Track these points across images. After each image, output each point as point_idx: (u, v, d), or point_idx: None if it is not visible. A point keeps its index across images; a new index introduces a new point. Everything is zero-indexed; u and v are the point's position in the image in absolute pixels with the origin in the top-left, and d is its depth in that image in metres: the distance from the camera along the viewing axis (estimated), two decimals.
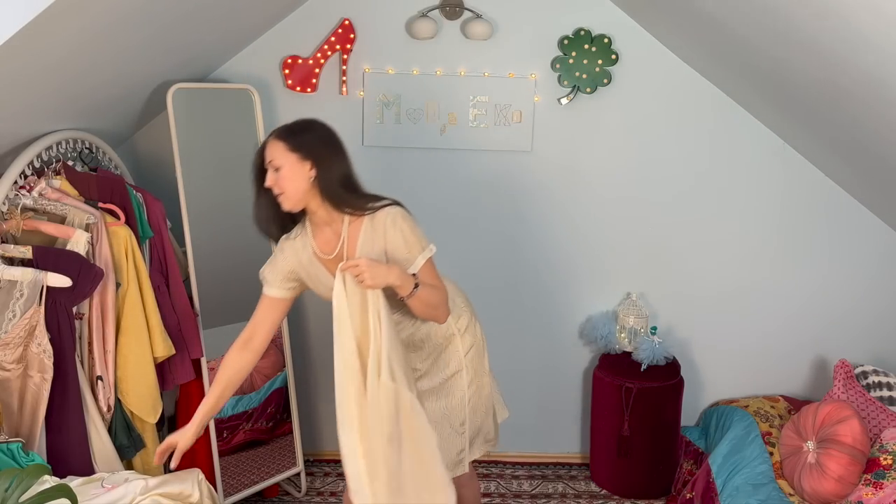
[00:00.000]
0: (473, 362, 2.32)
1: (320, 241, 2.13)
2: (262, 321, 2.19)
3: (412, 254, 2.08)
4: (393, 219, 2.06)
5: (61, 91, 2.24)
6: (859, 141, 2.68)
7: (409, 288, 2.02)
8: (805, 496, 2.59)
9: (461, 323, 2.31)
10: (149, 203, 2.61)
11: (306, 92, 3.05)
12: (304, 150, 2.01)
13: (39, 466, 1.78)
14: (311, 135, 2.06)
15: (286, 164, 2.01)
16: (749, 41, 2.53)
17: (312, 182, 2.02)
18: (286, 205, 2.04)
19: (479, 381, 2.33)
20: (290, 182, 2.01)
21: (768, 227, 3.28)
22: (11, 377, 2.08)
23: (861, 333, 3.35)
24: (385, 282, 1.98)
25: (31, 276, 2.07)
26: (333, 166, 2.04)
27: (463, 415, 2.30)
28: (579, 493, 3.25)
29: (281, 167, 2.01)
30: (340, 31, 3.02)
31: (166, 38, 2.46)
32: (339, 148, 2.08)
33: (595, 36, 3.06)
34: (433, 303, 2.10)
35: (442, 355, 2.29)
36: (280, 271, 2.16)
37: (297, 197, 2.03)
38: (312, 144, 2.03)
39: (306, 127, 2.08)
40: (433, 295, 2.09)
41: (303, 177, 2.01)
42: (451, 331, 2.28)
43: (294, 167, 2.01)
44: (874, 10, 1.79)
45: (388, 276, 1.99)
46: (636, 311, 3.27)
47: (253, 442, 3.00)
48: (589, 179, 3.23)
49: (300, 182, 2.02)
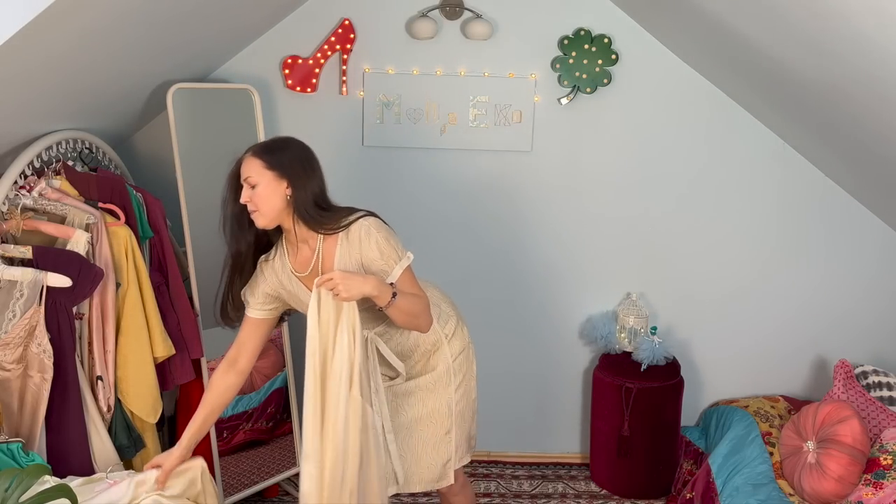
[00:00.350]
0: (462, 367, 2.31)
1: (296, 259, 2.12)
2: (245, 341, 2.20)
3: (388, 264, 2.07)
4: (367, 230, 2.05)
5: (61, 91, 2.23)
6: (860, 141, 2.68)
7: (387, 298, 2.01)
8: (805, 496, 2.59)
9: (448, 328, 2.29)
10: (149, 203, 2.61)
11: (306, 92, 3.05)
12: (281, 169, 2.01)
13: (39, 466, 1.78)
14: (287, 154, 2.05)
15: (262, 182, 2.00)
16: (749, 41, 2.53)
17: (287, 200, 2.02)
18: (260, 222, 2.04)
19: (466, 385, 2.32)
20: (264, 200, 2.01)
21: (768, 226, 3.29)
22: (11, 377, 2.08)
23: (861, 333, 3.35)
24: (361, 292, 1.97)
25: (31, 276, 2.07)
26: (308, 185, 2.03)
27: (449, 422, 2.28)
28: (579, 493, 3.25)
29: (257, 184, 2.00)
30: (340, 31, 3.02)
31: (166, 38, 2.46)
32: (314, 167, 2.08)
33: (595, 36, 3.06)
34: (414, 311, 2.09)
35: (430, 360, 2.28)
36: (260, 293, 2.16)
37: (272, 215, 2.03)
38: (289, 163, 2.03)
39: (283, 146, 2.09)
40: (413, 304, 2.08)
41: (279, 195, 2.01)
42: (438, 337, 2.27)
43: (270, 185, 2.00)
44: (875, 10, 1.79)
45: (363, 287, 1.97)
46: (636, 311, 3.27)
47: (253, 442, 3.00)
48: (589, 179, 3.23)
49: (275, 200, 2.01)
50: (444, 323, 2.29)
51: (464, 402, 2.31)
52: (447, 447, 2.29)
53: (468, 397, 2.34)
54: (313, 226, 2.05)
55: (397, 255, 2.08)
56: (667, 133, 3.20)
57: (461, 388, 2.30)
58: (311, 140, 3.13)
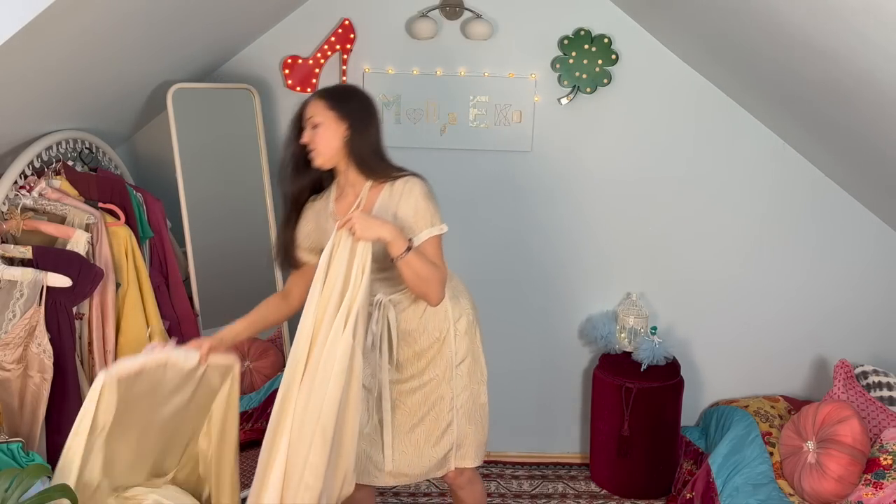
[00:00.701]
0: (469, 368, 2.31)
1: (340, 202, 2.20)
2: (294, 283, 2.30)
3: (419, 225, 2.13)
4: (412, 187, 2.14)
5: (61, 91, 2.23)
6: (860, 141, 2.68)
7: (401, 248, 2.04)
8: (805, 496, 2.59)
9: (460, 324, 2.29)
10: (149, 203, 2.61)
11: (306, 92, 3.05)
12: (343, 111, 2.11)
13: (39, 466, 1.78)
14: (352, 99, 2.16)
15: (324, 121, 2.10)
16: (749, 41, 2.53)
17: (345, 142, 2.11)
18: (317, 160, 2.13)
19: (473, 389, 2.33)
20: (324, 140, 2.10)
21: (768, 226, 3.29)
22: (11, 377, 2.08)
23: (861, 333, 3.35)
24: (376, 234, 2.01)
25: (31, 276, 2.07)
26: (366, 131, 2.13)
27: (450, 416, 2.29)
28: (579, 493, 3.25)
29: (319, 124, 2.10)
30: (340, 31, 3.02)
31: (166, 38, 2.46)
32: (375, 117, 2.17)
33: (595, 36, 3.06)
34: (424, 275, 2.09)
35: (435, 354, 2.27)
36: (302, 233, 2.25)
37: (329, 154, 2.12)
38: (352, 107, 2.13)
39: (349, 91, 2.22)
40: (426, 267, 2.09)
41: (338, 136, 2.11)
42: (447, 326, 2.27)
43: (330, 125, 2.10)
44: (874, 10, 1.79)
45: (380, 230, 2.02)
46: (636, 311, 3.27)
47: (253, 442, 2.99)
48: (589, 179, 3.23)
49: (334, 140, 2.11)
50: (457, 316, 2.29)
51: (469, 404, 2.31)
52: (448, 439, 2.30)
53: (475, 400, 2.33)
54: (364, 171, 2.15)
55: (430, 220, 2.14)
56: (667, 133, 3.20)
57: (466, 390, 2.30)
58: None
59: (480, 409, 2.35)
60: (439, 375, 2.27)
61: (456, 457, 2.33)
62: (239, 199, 2.96)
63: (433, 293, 2.15)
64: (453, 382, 2.28)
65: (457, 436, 2.31)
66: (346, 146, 2.12)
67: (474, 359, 2.34)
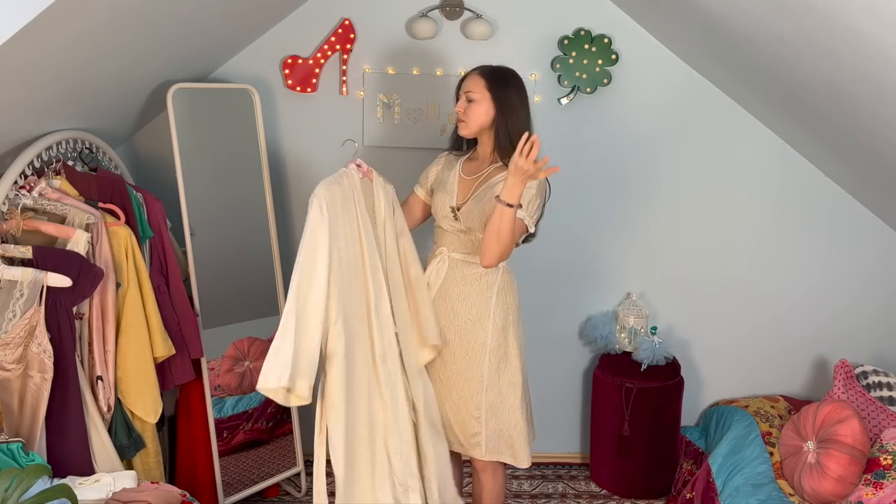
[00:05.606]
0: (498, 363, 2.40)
1: (468, 167, 2.44)
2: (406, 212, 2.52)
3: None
4: None
5: (61, 91, 2.23)
6: (860, 141, 2.68)
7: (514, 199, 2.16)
8: (805, 496, 2.59)
9: (498, 316, 2.38)
10: (149, 203, 2.61)
11: (306, 92, 3.05)
12: (499, 95, 2.31)
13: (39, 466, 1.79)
14: (509, 85, 2.34)
15: (479, 100, 2.32)
16: (749, 41, 2.53)
17: (492, 123, 2.33)
18: (463, 130, 2.37)
19: (502, 388, 2.40)
20: (474, 116, 2.33)
21: (768, 227, 3.29)
22: (11, 377, 2.08)
23: (861, 333, 3.35)
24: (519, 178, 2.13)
25: (31, 276, 2.07)
26: (512, 118, 2.31)
27: (479, 398, 2.39)
28: (579, 493, 3.25)
29: (474, 100, 2.33)
30: (340, 31, 3.02)
31: (166, 38, 2.46)
32: (526, 108, 2.36)
33: (595, 36, 3.06)
34: (502, 232, 2.20)
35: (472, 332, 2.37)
36: (428, 173, 2.54)
37: (474, 129, 2.36)
38: (508, 94, 2.33)
39: (509, 77, 2.37)
40: (508, 230, 2.20)
41: (488, 116, 2.33)
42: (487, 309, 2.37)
43: (483, 104, 2.32)
44: (874, 10, 1.79)
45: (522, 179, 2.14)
46: (636, 311, 3.27)
47: (253, 442, 3.00)
48: (589, 179, 3.23)
49: (483, 119, 2.33)
50: (498, 306, 2.39)
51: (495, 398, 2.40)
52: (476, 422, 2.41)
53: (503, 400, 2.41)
54: (499, 152, 2.35)
55: (525, 209, 2.28)
56: (666, 133, 3.20)
57: (494, 385, 2.39)
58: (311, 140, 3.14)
59: (509, 411, 2.42)
60: (471, 356, 2.37)
61: (485, 446, 2.42)
62: (239, 199, 2.96)
63: (492, 252, 2.25)
64: (483, 367, 2.37)
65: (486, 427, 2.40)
66: (492, 126, 2.33)
67: (506, 358, 2.41)
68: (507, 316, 2.40)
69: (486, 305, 2.37)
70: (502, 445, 2.43)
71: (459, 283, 2.39)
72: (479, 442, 2.42)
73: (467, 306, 2.38)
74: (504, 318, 2.39)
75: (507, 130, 2.31)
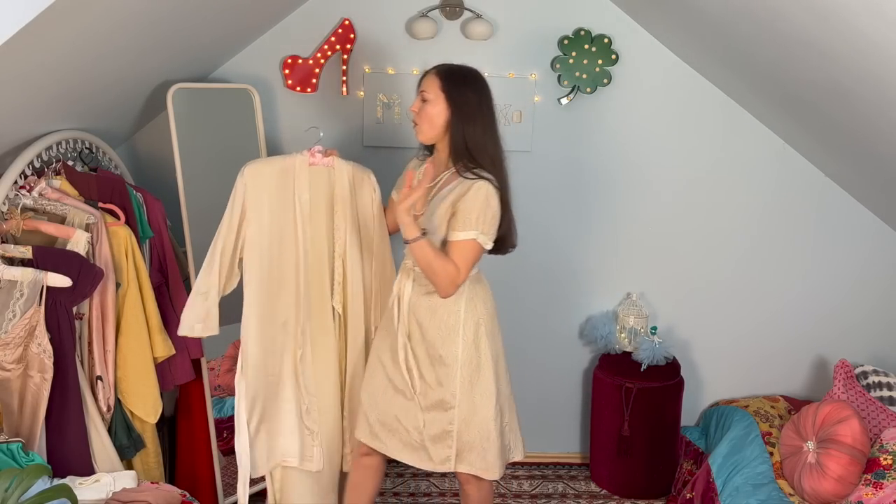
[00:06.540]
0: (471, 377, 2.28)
1: (429, 171, 2.25)
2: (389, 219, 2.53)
3: (461, 223, 2.16)
4: (478, 189, 2.16)
5: (61, 91, 2.23)
6: (860, 140, 2.68)
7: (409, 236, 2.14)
8: (805, 496, 2.59)
9: (469, 330, 2.27)
10: (149, 203, 2.61)
11: (306, 92, 3.05)
12: (454, 96, 2.17)
13: (39, 466, 1.78)
14: (467, 86, 2.20)
15: (433, 100, 2.19)
16: (749, 41, 2.53)
17: (447, 125, 2.19)
18: (418, 134, 2.25)
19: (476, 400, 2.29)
20: (428, 116, 2.20)
21: (768, 226, 3.29)
22: (11, 377, 2.08)
23: (861, 333, 3.35)
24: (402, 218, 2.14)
25: (31, 276, 2.07)
26: (470, 125, 2.18)
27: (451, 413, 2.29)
28: (579, 493, 3.25)
29: (428, 101, 2.19)
30: (340, 31, 3.02)
31: (166, 38, 2.46)
32: (484, 113, 2.20)
33: (595, 36, 3.06)
34: (428, 266, 2.16)
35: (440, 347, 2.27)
36: (403, 177, 2.42)
37: (429, 133, 2.22)
38: (464, 95, 2.18)
39: (468, 78, 2.23)
40: (435, 261, 2.15)
41: (442, 118, 2.19)
42: (456, 325, 2.27)
43: (437, 105, 2.19)
44: (874, 11, 1.79)
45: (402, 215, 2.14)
46: (636, 311, 3.27)
47: None
48: (589, 179, 3.23)
49: (436, 120, 2.19)
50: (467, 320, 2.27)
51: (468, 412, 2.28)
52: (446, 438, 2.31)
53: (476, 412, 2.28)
54: (453, 158, 2.21)
55: (473, 225, 2.15)
56: (666, 133, 3.20)
57: (467, 398, 2.28)
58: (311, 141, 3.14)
59: (482, 423, 2.29)
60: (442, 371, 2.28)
61: (456, 459, 2.32)
62: None
63: (439, 286, 2.20)
64: (452, 385, 2.28)
65: (457, 440, 2.30)
66: (447, 130, 2.19)
67: (478, 370, 2.29)
68: (477, 328, 2.28)
69: (455, 318, 2.26)
70: (474, 457, 2.32)
71: (425, 297, 2.28)
72: (450, 456, 2.31)
73: (436, 321, 2.27)
74: (475, 330, 2.28)
75: (463, 136, 2.18)
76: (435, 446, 2.31)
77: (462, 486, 2.48)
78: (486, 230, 2.17)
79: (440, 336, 2.27)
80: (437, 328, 2.27)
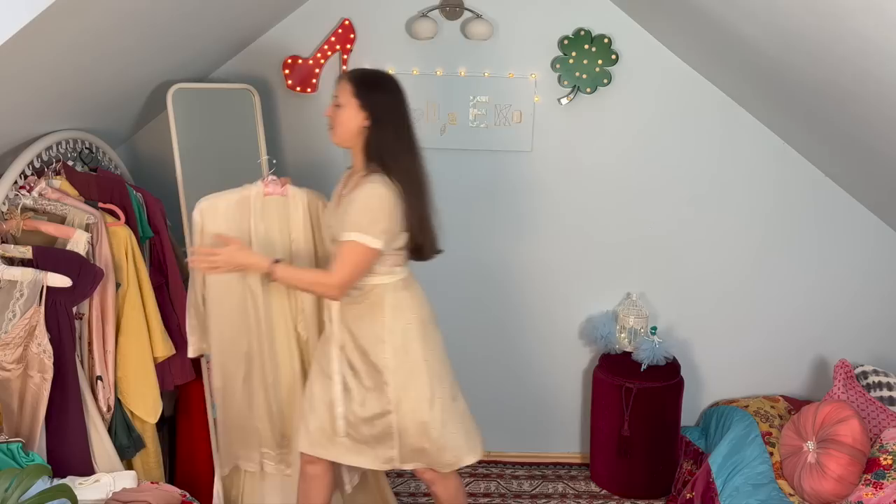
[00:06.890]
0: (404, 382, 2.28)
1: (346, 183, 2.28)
2: None
3: (347, 223, 2.14)
4: (360, 189, 2.16)
5: (61, 91, 2.23)
6: (860, 140, 2.68)
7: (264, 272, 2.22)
8: (805, 496, 2.59)
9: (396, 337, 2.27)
10: (149, 203, 2.61)
11: (306, 92, 3.05)
12: (366, 101, 2.16)
13: (39, 466, 1.79)
14: (379, 91, 2.19)
15: (345, 105, 2.18)
16: (749, 41, 2.53)
17: (360, 130, 2.18)
18: (333, 139, 2.23)
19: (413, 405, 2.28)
20: (341, 122, 2.19)
21: (768, 226, 3.29)
22: (11, 377, 2.08)
23: (861, 333, 3.35)
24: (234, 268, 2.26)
25: (31, 276, 2.07)
26: (384, 127, 2.17)
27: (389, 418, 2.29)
28: (579, 493, 3.25)
29: (341, 105, 2.19)
30: (340, 31, 3.02)
31: (166, 38, 2.46)
32: (395, 118, 2.19)
33: (595, 36, 3.06)
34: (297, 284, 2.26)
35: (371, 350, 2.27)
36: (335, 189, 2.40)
37: (343, 137, 2.21)
38: (375, 99, 2.17)
39: (380, 82, 2.23)
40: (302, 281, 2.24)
41: (355, 122, 2.18)
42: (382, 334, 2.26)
43: (350, 111, 2.17)
44: (874, 10, 1.79)
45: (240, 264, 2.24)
46: (636, 311, 3.27)
47: None
48: (589, 179, 3.23)
49: (351, 125, 2.18)
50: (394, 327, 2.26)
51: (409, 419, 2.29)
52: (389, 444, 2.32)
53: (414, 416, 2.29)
54: (366, 161, 2.20)
55: (358, 226, 2.12)
56: (667, 133, 3.20)
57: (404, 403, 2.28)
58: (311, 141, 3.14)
59: (419, 427, 2.29)
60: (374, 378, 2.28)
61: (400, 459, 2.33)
62: None
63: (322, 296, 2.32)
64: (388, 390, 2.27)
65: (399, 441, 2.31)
66: (360, 134, 2.18)
67: (411, 374, 2.28)
68: (405, 333, 2.26)
69: (380, 326, 2.25)
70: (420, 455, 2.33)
71: (352, 307, 2.27)
72: (393, 456, 2.32)
73: (364, 329, 2.26)
74: (403, 336, 2.26)
75: (373, 139, 2.17)
76: (378, 447, 2.32)
77: (430, 489, 2.49)
78: (367, 230, 2.12)
79: (370, 343, 2.27)
80: (366, 336, 2.27)
